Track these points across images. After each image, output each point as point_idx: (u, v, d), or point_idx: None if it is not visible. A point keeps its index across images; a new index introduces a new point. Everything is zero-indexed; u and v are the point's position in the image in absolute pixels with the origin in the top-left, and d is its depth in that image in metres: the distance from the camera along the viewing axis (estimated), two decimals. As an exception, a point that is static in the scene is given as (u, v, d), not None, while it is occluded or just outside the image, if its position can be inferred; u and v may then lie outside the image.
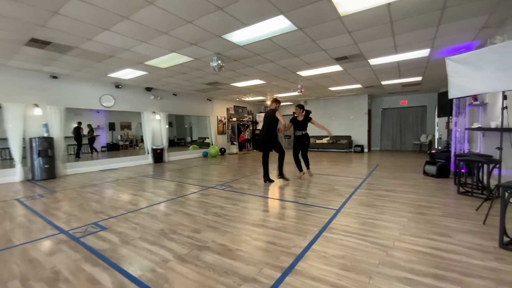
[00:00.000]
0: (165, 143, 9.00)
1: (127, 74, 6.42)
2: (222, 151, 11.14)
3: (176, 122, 19.95)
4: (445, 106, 5.56)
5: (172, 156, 9.46)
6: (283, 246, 2.25)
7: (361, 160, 8.45)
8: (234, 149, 11.86)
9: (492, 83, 2.57)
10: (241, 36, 4.05)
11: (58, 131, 6.30)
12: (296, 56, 5.22)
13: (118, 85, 7.53)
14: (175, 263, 2.00)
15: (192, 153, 10.55)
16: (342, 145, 11.08)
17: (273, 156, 5.23)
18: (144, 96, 8.42)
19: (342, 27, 3.78)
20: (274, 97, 5.07)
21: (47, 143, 5.99)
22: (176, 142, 18.29)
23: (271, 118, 4.83)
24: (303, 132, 5.30)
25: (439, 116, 6.11)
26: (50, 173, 6.00)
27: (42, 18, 3.36)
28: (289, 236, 2.47)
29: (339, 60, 5.56)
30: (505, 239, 2.18)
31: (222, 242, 2.37)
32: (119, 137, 15.17)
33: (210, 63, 4.88)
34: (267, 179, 4.97)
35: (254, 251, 2.17)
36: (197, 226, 2.79)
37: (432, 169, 5.25)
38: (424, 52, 5.12)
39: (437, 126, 8.55)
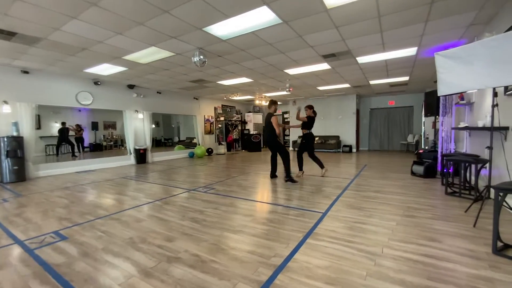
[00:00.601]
0: (148, 143, 8.63)
1: (105, 69, 6.05)
2: (209, 152, 10.84)
3: (163, 122, 19.44)
4: (432, 106, 5.52)
5: (156, 157, 9.09)
6: (263, 255, 2.04)
7: (350, 160, 8.37)
8: (222, 149, 11.58)
9: (483, 79, 2.46)
10: (223, 29, 3.82)
11: (29, 130, 5.85)
12: (282, 52, 5.04)
13: (97, 81, 7.13)
14: (138, 279, 1.74)
15: (178, 154, 10.20)
16: (330, 145, 11.02)
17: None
18: (126, 93, 8.03)
19: (329, 21, 3.62)
20: (271, 99, 5.13)
21: (16, 142, 5.55)
22: (163, 142, 17.79)
23: (269, 122, 5.00)
24: (305, 131, 5.37)
25: (426, 115, 6.08)
26: (20, 175, 5.56)
27: (2, 5, 3.03)
28: (271, 244, 2.26)
29: (326, 57, 5.42)
30: (499, 244, 2.06)
31: (195, 252, 2.13)
32: (102, 137, 14.57)
33: (192, 58, 4.62)
34: (272, 176, 5.27)
35: (230, 263, 1.94)
36: (171, 233, 2.54)
37: (419, 169, 5.19)
38: (411, 51, 5.04)
39: (424, 126, 8.60)
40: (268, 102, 5.18)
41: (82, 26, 3.59)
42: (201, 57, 4.59)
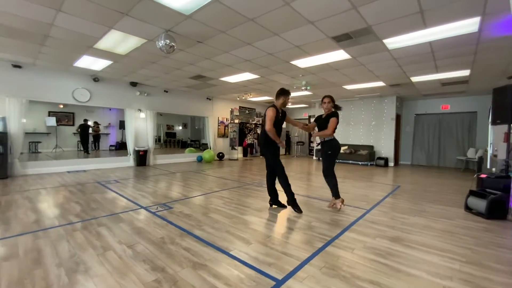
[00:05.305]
0: (150, 144, 8.10)
1: (92, 63, 5.58)
2: (220, 156, 9.96)
3: (191, 123, 19.47)
4: (504, 108, 3.66)
5: (160, 159, 8.54)
6: None
7: (381, 177, 6.57)
8: (235, 154, 10.62)
9: None
10: (174, -5, 2.81)
11: (17, 126, 5.65)
12: (275, 34, 3.81)
13: (96, 78, 6.80)
14: None
15: (186, 157, 9.54)
16: (361, 156, 9.15)
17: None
18: (128, 91, 7.61)
19: (319, -31, 2.32)
20: (281, 88, 3.49)
21: (-1, 138, 5.36)
22: (189, 144, 17.72)
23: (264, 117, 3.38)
24: (326, 138, 3.53)
25: (494, 123, 4.13)
26: (0, 172, 5.35)
27: None
28: None
29: (340, 40, 4.01)
30: None
31: None
32: (129, 136, 14.89)
33: (157, 42, 3.72)
34: (273, 202, 3.58)
35: None
36: (1, 297, 1.56)
37: (479, 204, 3.40)
38: (471, 24, 3.33)
39: (491, 137, 6.30)
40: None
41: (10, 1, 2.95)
42: (167, 41, 3.65)
